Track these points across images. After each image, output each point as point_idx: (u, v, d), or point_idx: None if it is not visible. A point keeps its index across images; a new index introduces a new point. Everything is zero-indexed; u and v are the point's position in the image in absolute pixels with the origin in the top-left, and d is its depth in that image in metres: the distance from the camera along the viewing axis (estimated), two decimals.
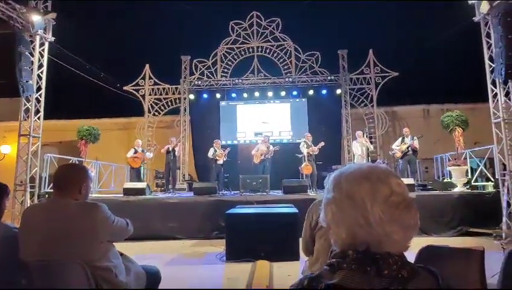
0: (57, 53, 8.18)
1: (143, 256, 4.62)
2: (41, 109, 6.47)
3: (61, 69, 9.84)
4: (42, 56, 6.49)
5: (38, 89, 6.41)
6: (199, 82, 11.65)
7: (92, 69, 11.33)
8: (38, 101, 6.43)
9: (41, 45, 6.49)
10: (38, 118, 6.43)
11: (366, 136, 8.57)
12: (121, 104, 12.58)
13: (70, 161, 7.48)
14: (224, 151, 8.76)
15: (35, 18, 5.94)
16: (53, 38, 6.65)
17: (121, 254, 1.89)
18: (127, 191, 6.80)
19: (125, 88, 11.72)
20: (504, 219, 5.37)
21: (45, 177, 6.80)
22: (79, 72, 10.83)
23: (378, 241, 0.68)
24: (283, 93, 11.48)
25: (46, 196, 6.40)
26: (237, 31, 11.73)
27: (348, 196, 0.71)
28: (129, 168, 8.99)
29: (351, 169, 0.76)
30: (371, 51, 11.45)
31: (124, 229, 1.85)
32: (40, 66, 6.45)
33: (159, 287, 2.08)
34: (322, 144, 8.38)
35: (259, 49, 11.67)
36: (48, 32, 6.58)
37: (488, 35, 5.77)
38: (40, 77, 6.45)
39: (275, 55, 11.64)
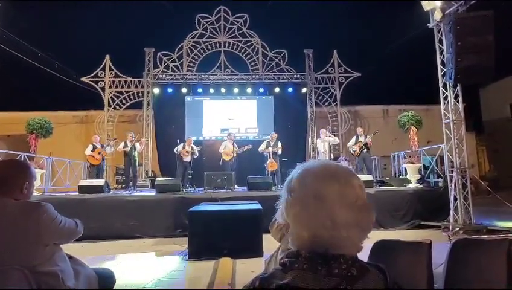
0: (4, 39, 7.48)
1: (100, 257, 4.41)
2: None
3: (11, 57, 9.04)
4: None
5: None
6: (163, 76, 11.28)
7: (45, 57, 10.51)
8: None
9: None
10: None
11: (330, 133, 8.82)
12: (78, 96, 11.86)
13: (19, 157, 6.90)
14: (192, 149, 8.47)
15: None
16: None
17: (70, 257, 1.76)
18: (83, 189, 6.42)
19: (83, 79, 11.02)
20: (451, 212, 5.81)
21: None
22: (31, 61, 10.00)
23: (338, 243, 0.67)
24: (249, 90, 11.47)
25: None
26: (204, 24, 11.50)
27: (315, 196, 0.68)
28: (87, 165, 8.47)
29: (317, 166, 0.73)
30: (335, 52, 11.81)
31: (72, 230, 1.71)
32: None
33: None
34: (279, 145, 8.63)
35: (226, 45, 11.54)
36: None
37: (441, 41, 6.15)
38: None
39: (242, 51, 11.59)
